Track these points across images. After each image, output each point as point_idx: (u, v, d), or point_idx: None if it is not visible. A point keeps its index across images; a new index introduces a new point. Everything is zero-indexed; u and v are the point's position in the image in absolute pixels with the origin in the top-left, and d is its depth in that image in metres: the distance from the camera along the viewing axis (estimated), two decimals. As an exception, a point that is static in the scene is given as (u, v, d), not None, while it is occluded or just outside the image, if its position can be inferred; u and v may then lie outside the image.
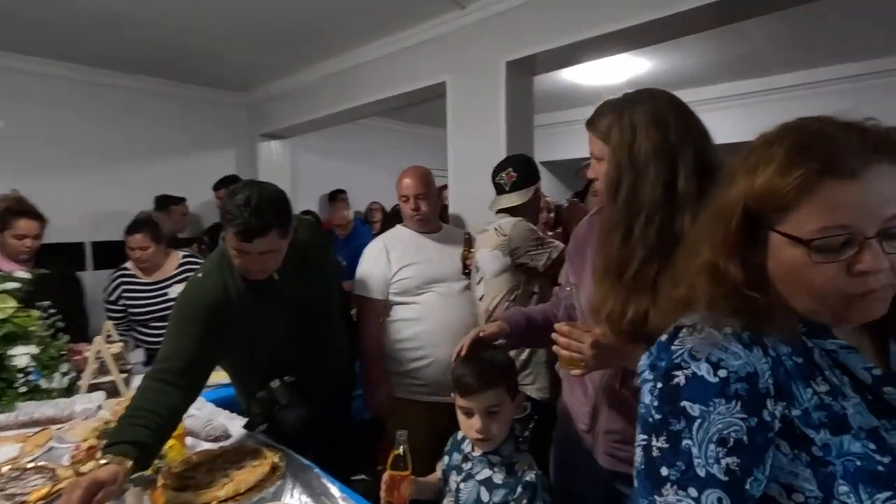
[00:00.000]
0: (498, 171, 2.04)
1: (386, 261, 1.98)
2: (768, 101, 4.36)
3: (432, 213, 2.06)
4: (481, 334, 1.23)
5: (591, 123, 1.13)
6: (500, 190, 2.02)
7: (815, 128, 0.64)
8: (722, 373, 0.62)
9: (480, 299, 1.94)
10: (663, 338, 0.70)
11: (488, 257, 1.91)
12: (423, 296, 1.98)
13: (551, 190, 5.25)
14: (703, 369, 0.63)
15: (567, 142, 5.56)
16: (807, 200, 0.60)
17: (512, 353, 1.41)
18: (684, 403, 0.63)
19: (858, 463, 0.61)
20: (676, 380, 0.64)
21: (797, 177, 0.60)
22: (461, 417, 1.19)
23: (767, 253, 0.65)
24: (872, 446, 0.62)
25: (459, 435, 1.29)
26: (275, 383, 1.48)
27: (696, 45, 3.39)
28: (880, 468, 0.60)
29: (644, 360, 0.71)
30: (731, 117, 4.48)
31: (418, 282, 1.97)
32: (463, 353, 1.20)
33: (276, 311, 1.50)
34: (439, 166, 3.17)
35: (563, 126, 5.58)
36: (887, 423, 0.63)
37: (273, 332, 1.51)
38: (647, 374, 0.69)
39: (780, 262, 0.64)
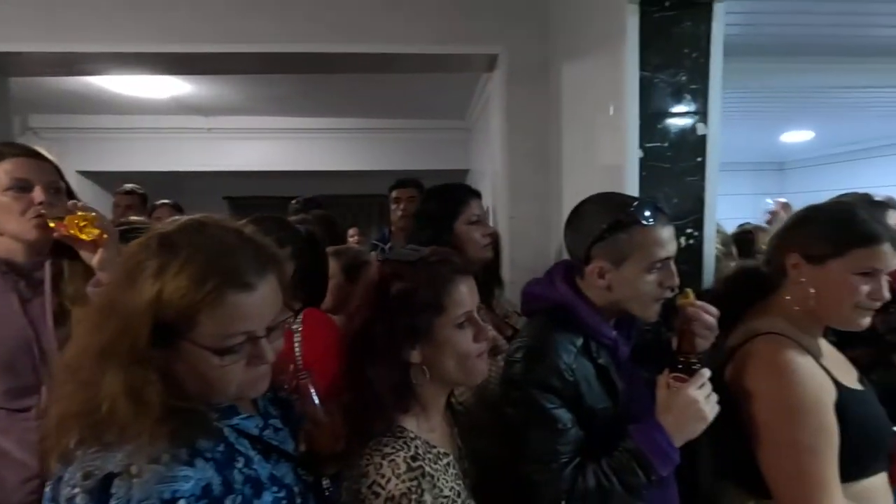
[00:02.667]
0: None
1: None
2: (295, 137, 5.16)
3: None
4: None
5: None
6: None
7: (220, 238, 0.70)
8: (182, 503, 0.61)
9: None
10: (80, 496, 0.60)
11: None
12: None
13: (100, 205, 4.48)
14: None
15: (108, 151, 4.91)
16: (213, 310, 0.66)
17: None
18: None
19: None
20: None
21: (209, 290, 0.64)
22: None
23: (176, 357, 0.67)
24: (275, 489, 0.76)
25: None
26: None
27: (242, 78, 3.59)
28: (285, 502, 0.77)
29: None
30: (270, 147, 5.11)
31: None
32: None
33: None
34: None
35: (105, 133, 4.89)
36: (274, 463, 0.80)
37: None
38: None
39: (195, 367, 0.68)
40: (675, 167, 1.47)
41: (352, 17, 2.19)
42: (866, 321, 1.09)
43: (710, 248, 1.49)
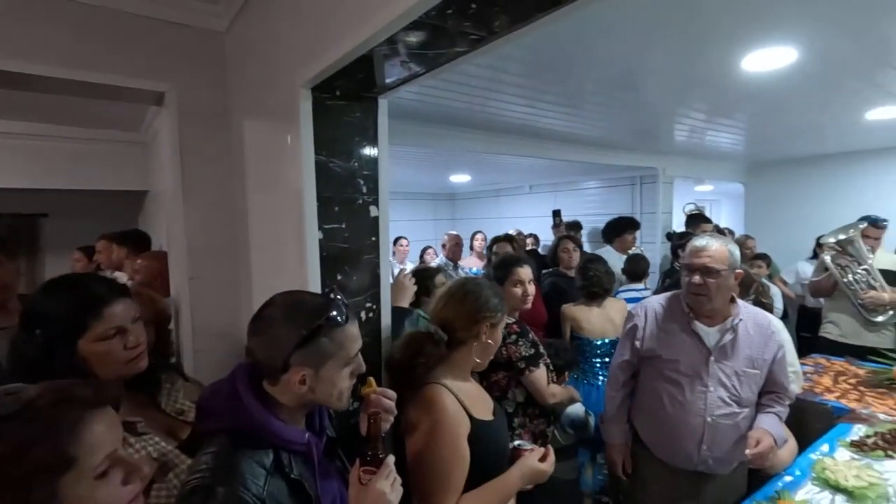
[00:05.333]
0: None
1: None
2: None
3: None
4: None
5: None
6: None
7: None
8: None
9: None
10: None
11: None
12: None
13: None
14: None
15: None
16: None
17: None
18: None
19: None
20: None
21: None
22: None
23: None
24: None
25: None
26: None
27: None
28: None
29: None
30: None
31: None
32: None
33: None
34: None
35: None
36: None
37: None
38: None
39: None
40: (353, 247, 1.56)
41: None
42: None
43: (387, 319, 1.64)
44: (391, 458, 1.06)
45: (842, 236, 3.22)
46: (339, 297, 1.09)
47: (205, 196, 2.03)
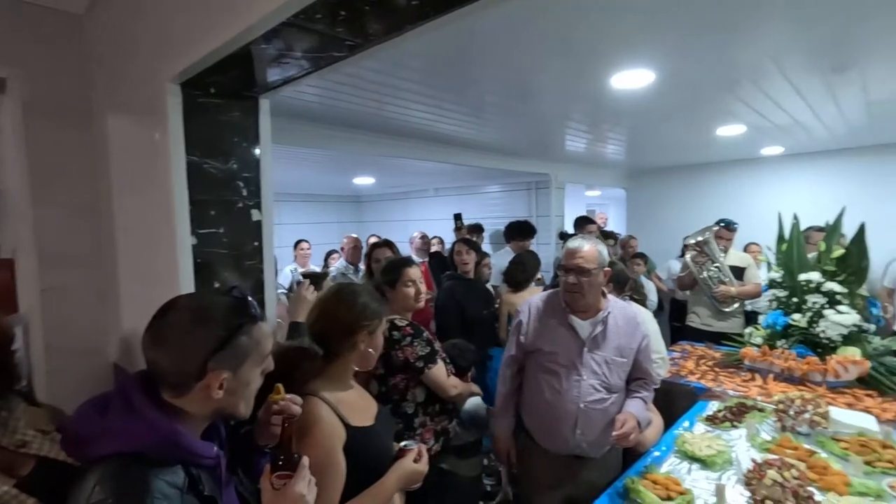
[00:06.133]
0: None
1: None
2: None
3: None
4: None
5: None
6: None
7: None
8: None
9: None
10: None
11: None
12: None
13: None
14: None
15: None
16: None
17: None
18: None
19: None
20: None
21: None
22: None
23: None
24: None
25: None
26: None
27: None
28: None
29: None
30: None
31: None
32: None
33: None
34: None
35: None
36: None
37: None
38: None
39: None
40: (233, 252, 1.48)
41: None
42: None
43: (272, 324, 1.58)
44: (306, 459, 1.01)
45: (699, 237, 3.67)
46: (245, 293, 1.01)
47: (61, 196, 1.81)
